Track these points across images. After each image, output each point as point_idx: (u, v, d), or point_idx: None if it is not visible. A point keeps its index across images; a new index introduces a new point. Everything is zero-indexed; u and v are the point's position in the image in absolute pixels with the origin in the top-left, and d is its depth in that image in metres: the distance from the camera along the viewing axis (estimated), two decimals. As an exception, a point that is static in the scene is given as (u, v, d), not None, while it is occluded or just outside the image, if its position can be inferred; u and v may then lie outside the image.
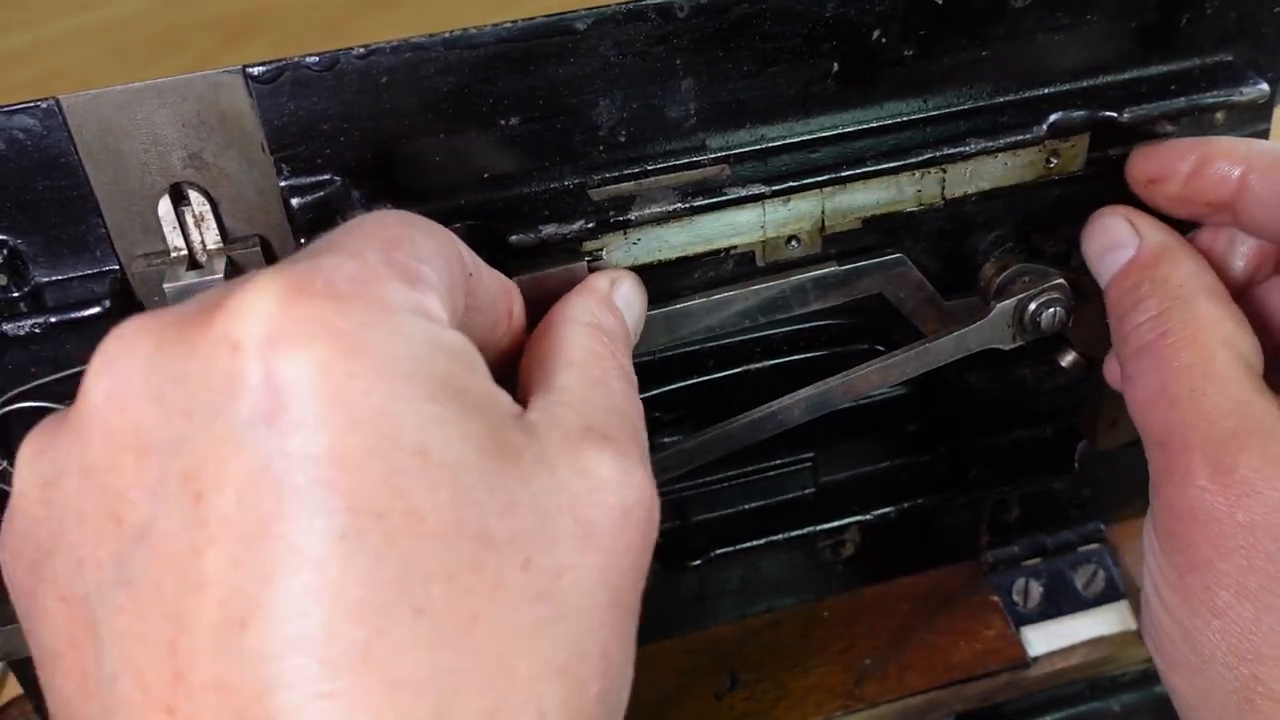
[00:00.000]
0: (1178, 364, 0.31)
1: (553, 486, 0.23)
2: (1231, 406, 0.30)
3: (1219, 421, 0.29)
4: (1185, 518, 0.30)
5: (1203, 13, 0.38)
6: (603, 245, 0.36)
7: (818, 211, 0.37)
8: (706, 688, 0.49)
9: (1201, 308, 0.32)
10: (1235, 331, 0.31)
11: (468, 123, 0.34)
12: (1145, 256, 0.34)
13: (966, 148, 0.37)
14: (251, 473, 0.20)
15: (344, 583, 0.20)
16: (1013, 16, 0.36)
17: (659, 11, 0.33)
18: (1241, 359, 0.31)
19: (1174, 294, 0.33)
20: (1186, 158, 0.34)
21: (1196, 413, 0.30)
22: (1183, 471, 0.30)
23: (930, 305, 0.40)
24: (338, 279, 0.22)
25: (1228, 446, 0.29)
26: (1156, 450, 0.31)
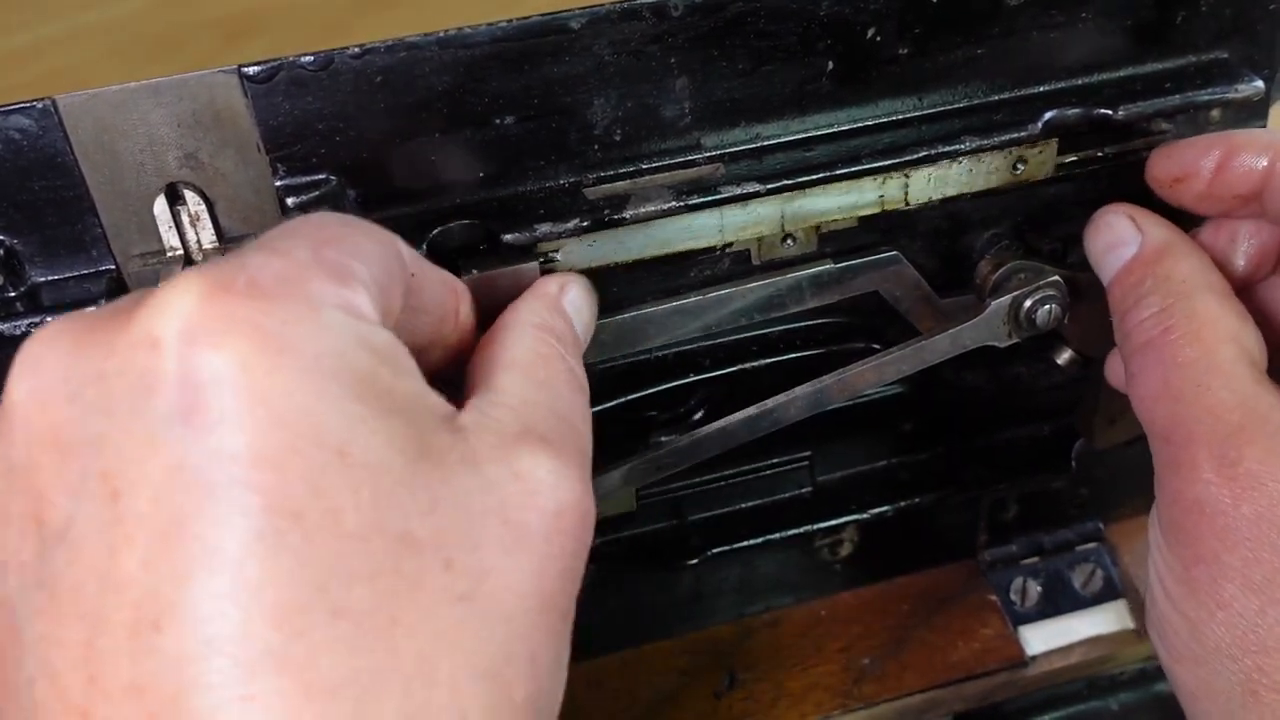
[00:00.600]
0: (1182, 359, 0.31)
1: (479, 487, 0.23)
2: (1236, 400, 0.30)
3: (1224, 415, 0.29)
4: (1191, 511, 0.30)
5: (1198, 10, 0.38)
6: (558, 246, 0.35)
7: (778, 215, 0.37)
8: (705, 687, 0.49)
9: (1205, 303, 0.32)
10: (1239, 326, 0.32)
11: (463, 122, 0.34)
12: (1148, 253, 0.34)
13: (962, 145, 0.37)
14: (169, 470, 0.20)
15: (262, 583, 0.19)
16: (1007, 14, 0.36)
17: (653, 10, 0.33)
18: (1246, 353, 0.31)
19: (1177, 289, 0.33)
20: (1209, 154, 0.34)
21: (1201, 406, 0.30)
22: (1188, 465, 0.30)
23: (926, 303, 0.40)
24: (262, 276, 0.22)
25: (1233, 440, 0.29)
26: (1161, 444, 0.31)
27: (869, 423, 0.46)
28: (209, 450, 0.20)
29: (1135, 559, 0.52)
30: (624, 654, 0.50)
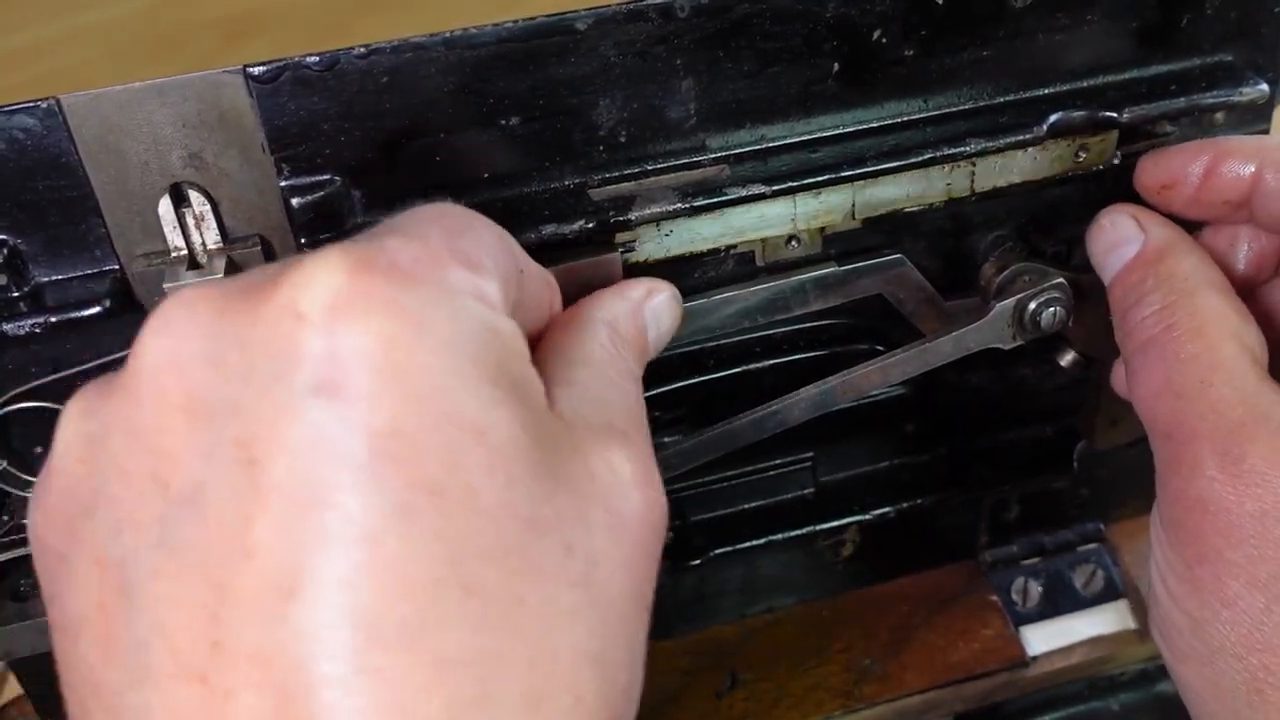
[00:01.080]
0: (1184, 355, 0.31)
1: (586, 476, 0.23)
2: (1239, 397, 0.30)
3: (1226, 412, 0.29)
4: (1194, 509, 0.30)
5: (1203, 13, 0.38)
6: (635, 237, 0.36)
7: (848, 204, 0.37)
8: (707, 687, 0.49)
9: (1207, 300, 0.32)
10: (1241, 324, 0.32)
11: (468, 123, 0.34)
12: (1150, 251, 0.34)
13: (967, 147, 0.37)
14: (308, 442, 0.20)
15: (397, 557, 0.19)
16: (1013, 16, 0.36)
17: (659, 11, 0.33)
18: (1248, 351, 0.31)
19: (1179, 287, 0.33)
20: (1198, 160, 0.35)
21: (1204, 403, 0.30)
22: (1190, 462, 0.30)
23: (930, 305, 0.40)
24: (402, 258, 0.22)
25: (1236, 436, 0.29)
26: (1163, 442, 0.31)
27: (871, 424, 0.46)
28: (350, 423, 0.20)
29: (1136, 559, 0.52)
30: (625, 654, 0.50)
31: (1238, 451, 0.29)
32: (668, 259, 0.37)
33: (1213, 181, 0.34)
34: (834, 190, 0.36)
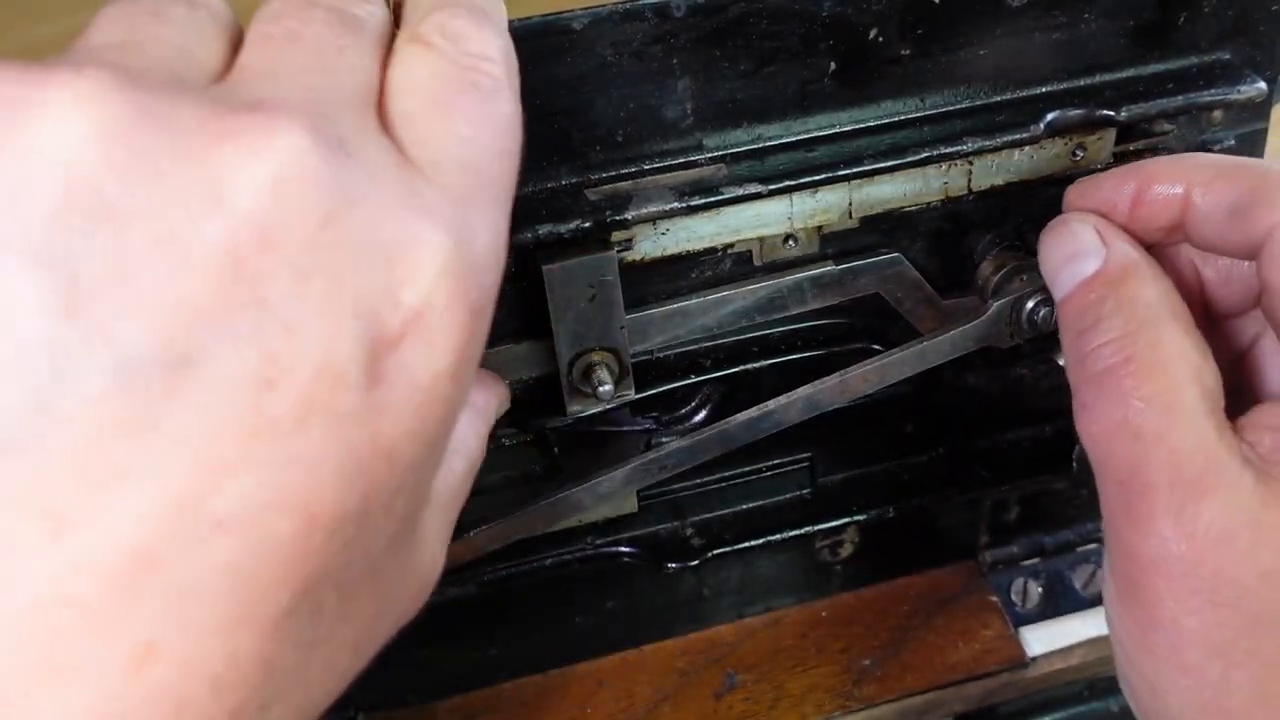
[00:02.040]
0: (1144, 394, 0.28)
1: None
2: (1197, 446, 0.27)
3: (1184, 463, 0.27)
4: (1148, 569, 0.28)
5: (1200, 11, 0.38)
6: (631, 236, 0.36)
7: (845, 203, 0.37)
8: (705, 688, 0.49)
9: (1171, 334, 0.29)
10: (1203, 365, 0.29)
11: (464, 122, 0.34)
12: (1113, 270, 0.31)
13: (964, 146, 0.37)
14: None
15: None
16: (1010, 15, 0.36)
17: (656, 11, 0.33)
18: (1208, 395, 0.28)
19: (1142, 316, 0.30)
20: (1125, 186, 0.32)
21: (1162, 451, 0.28)
22: (1145, 517, 0.28)
23: (928, 304, 0.40)
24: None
25: (1193, 491, 0.27)
26: (1114, 487, 0.29)
27: (870, 424, 0.46)
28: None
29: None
30: (624, 654, 0.50)
31: (1193, 509, 0.27)
32: (664, 258, 0.37)
33: (1143, 208, 0.32)
34: (831, 189, 0.37)
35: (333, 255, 0.20)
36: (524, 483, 0.41)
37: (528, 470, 0.41)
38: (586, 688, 0.49)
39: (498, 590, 0.45)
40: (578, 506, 0.38)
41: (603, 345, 0.36)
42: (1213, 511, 0.26)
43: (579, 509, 0.38)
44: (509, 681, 0.49)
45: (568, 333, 0.36)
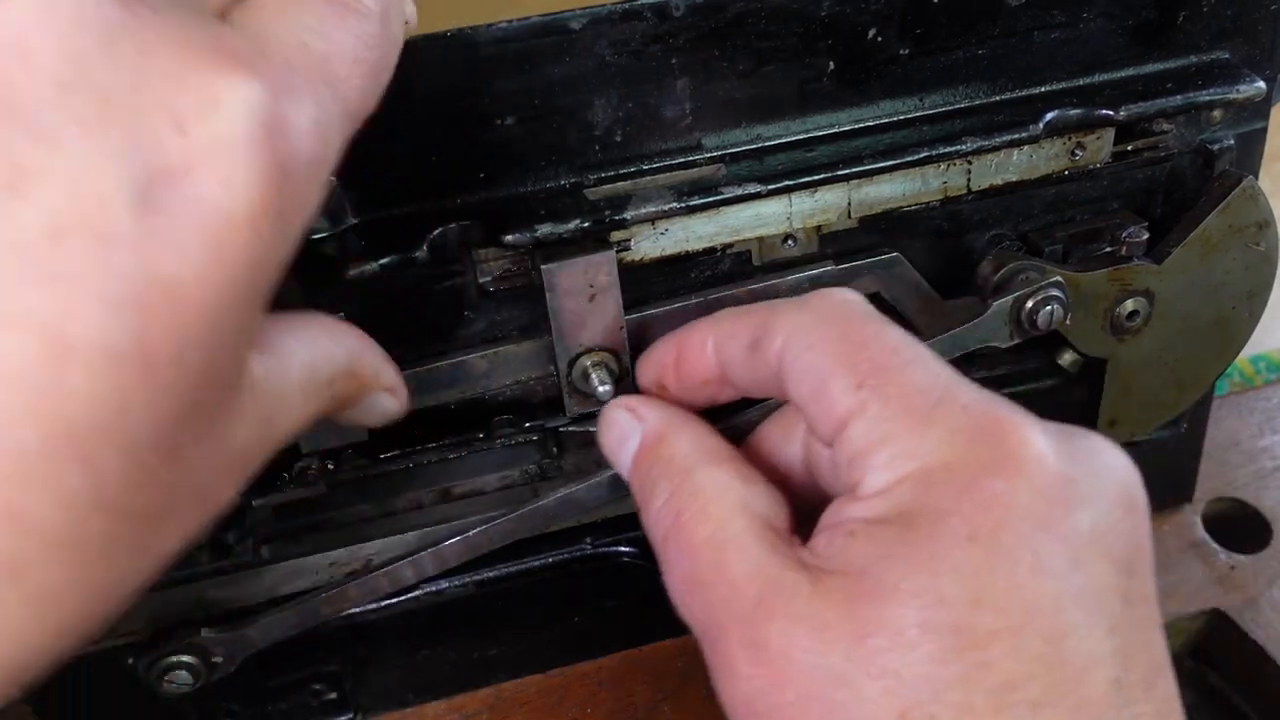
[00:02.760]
0: (696, 540, 0.29)
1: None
2: (753, 571, 0.27)
3: (743, 591, 0.27)
4: (742, 711, 0.27)
5: (1199, 10, 0.38)
6: (630, 235, 0.36)
7: (844, 203, 0.37)
8: (705, 688, 0.48)
9: (707, 476, 0.30)
10: (747, 493, 0.29)
11: (463, 122, 0.34)
12: (650, 438, 0.32)
13: (962, 146, 0.37)
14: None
15: None
16: (1008, 15, 0.36)
17: (654, 11, 0.33)
18: (759, 520, 0.29)
19: (679, 468, 0.31)
20: (669, 353, 0.34)
21: (723, 586, 0.27)
22: (726, 659, 0.27)
23: (927, 304, 0.40)
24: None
25: (755, 619, 0.26)
26: (702, 641, 0.28)
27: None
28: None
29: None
30: (624, 654, 0.50)
31: (760, 636, 0.26)
32: (663, 258, 0.37)
33: (683, 368, 0.33)
34: (829, 189, 0.37)
35: (107, 74, 0.19)
36: (524, 483, 0.41)
37: (528, 470, 0.41)
38: (586, 688, 0.49)
39: (497, 590, 0.45)
40: (578, 506, 0.38)
41: (602, 346, 0.36)
42: (778, 634, 0.26)
43: (579, 509, 0.38)
44: (509, 681, 0.49)
45: (566, 333, 0.36)
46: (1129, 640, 0.26)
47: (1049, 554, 0.25)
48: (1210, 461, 0.53)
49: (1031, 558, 0.25)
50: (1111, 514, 0.27)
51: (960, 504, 0.26)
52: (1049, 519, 0.26)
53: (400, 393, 0.32)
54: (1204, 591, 0.51)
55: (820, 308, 0.30)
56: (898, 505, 0.26)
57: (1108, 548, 0.26)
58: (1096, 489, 0.27)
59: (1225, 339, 0.44)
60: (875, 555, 0.26)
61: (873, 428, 0.27)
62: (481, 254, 0.36)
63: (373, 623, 0.45)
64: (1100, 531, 0.26)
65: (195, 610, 0.38)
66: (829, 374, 0.29)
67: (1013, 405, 0.29)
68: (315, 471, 0.38)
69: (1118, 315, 0.41)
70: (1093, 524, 0.26)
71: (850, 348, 0.29)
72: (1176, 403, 0.45)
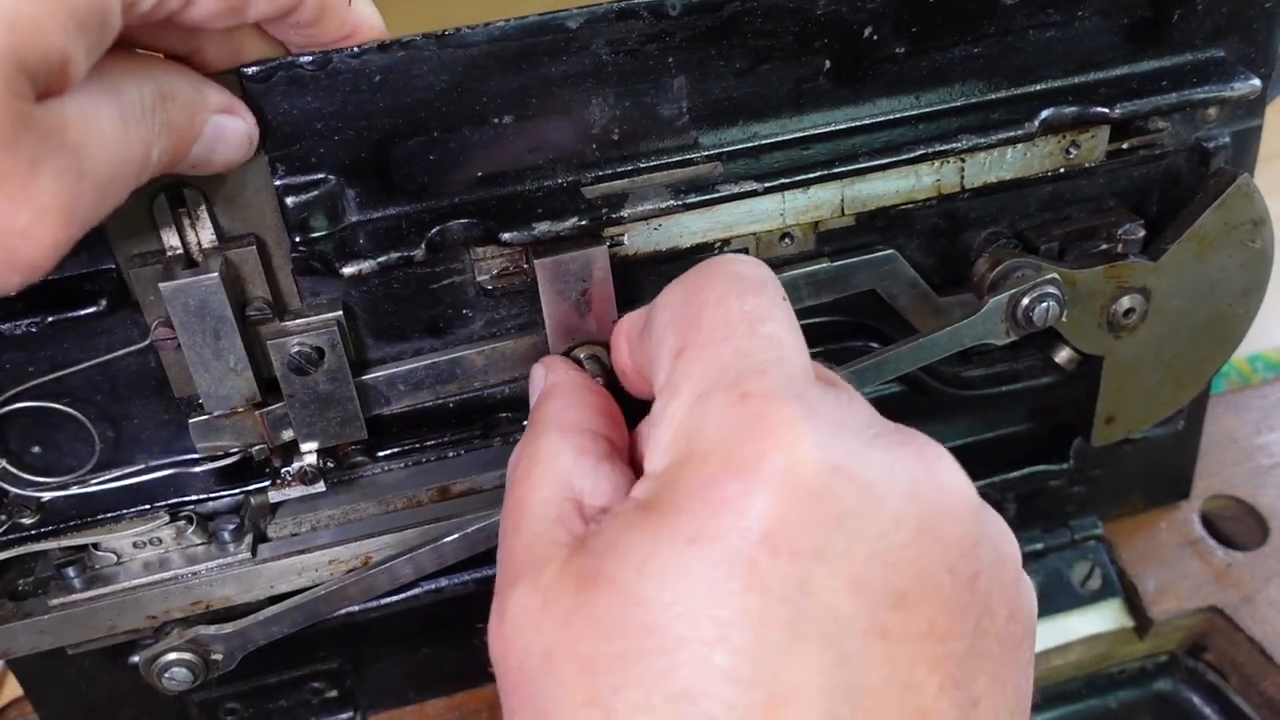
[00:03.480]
0: (512, 499, 0.29)
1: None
2: (526, 541, 0.27)
3: (513, 556, 0.27)
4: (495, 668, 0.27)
5: (1194, 8, 0.38)
6: (623, 231, 0.36)
7: (837, 199, 0.37)
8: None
9: (545, 441, 0.29)
10: (573, 466, 0.29)
11: (461, 121, 0.34)
12: (542, 395, 0.33)
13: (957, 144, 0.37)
14: None
15: None
16: (1004, 13, 0.36)
17: (651, 10, 0.33)
18: (568, 494, 0.28)
19: (535, 428, 0.31)
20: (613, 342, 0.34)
21: (505, 547, 0.28)
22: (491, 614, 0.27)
23: (923, 301, 0.40)
24: None
25: (505, 583, 0.26)
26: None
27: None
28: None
29: (1134, 557, 0.52)
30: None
31: (503, 603, 0.26)
32: (659, 254, 0.37)
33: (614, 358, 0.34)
34: (823, 185, 0.37)
35: None
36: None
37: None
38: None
39: (497, 588, 0.45)
40: None
41: (594, 339, 0.36)
42: (514, 605, 0.26)
43: None
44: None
45: (559, 327, 0.36)
46: (868, 679, 0.23)
47: (769, 570, 0.23)
48: (1207, 459, 0.53)
49: (747, 572, 0.23)
50: (885, 538, 0.24)
51: (694, 501, 0.24)
52: (780, 534, 0.23)
53: (240, 110, 0.31)
54: (1201, 589, 0.51)
55: (693, 275, 0.29)
56: (655, 489, 0.25)
57: (866, 575, 0.24)
58: (868, 507, 0.24)
59: (1221, 336, 0.44)
60: (611, 540, 0.25)
61: (667, 402, 0.26)
62: (479, 252, 0.36)
63: (373, 620, 0.45)
64: (862, 557, 0.24)
65: (195, 608, 0.39)
66: (662, 340, 0.28)
67: (825, 398, 0.26)
68: (315, 469, 0.38)
69: (1114, 312, 0.41)
70: (850, 548, 0.24)
71: (691, 315, 0.27)
72: (1173, 400, 0.45)
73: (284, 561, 0.39)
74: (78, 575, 0.38)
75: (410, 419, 0.40)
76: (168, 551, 0.38)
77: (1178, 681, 0.53)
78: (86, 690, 0.44)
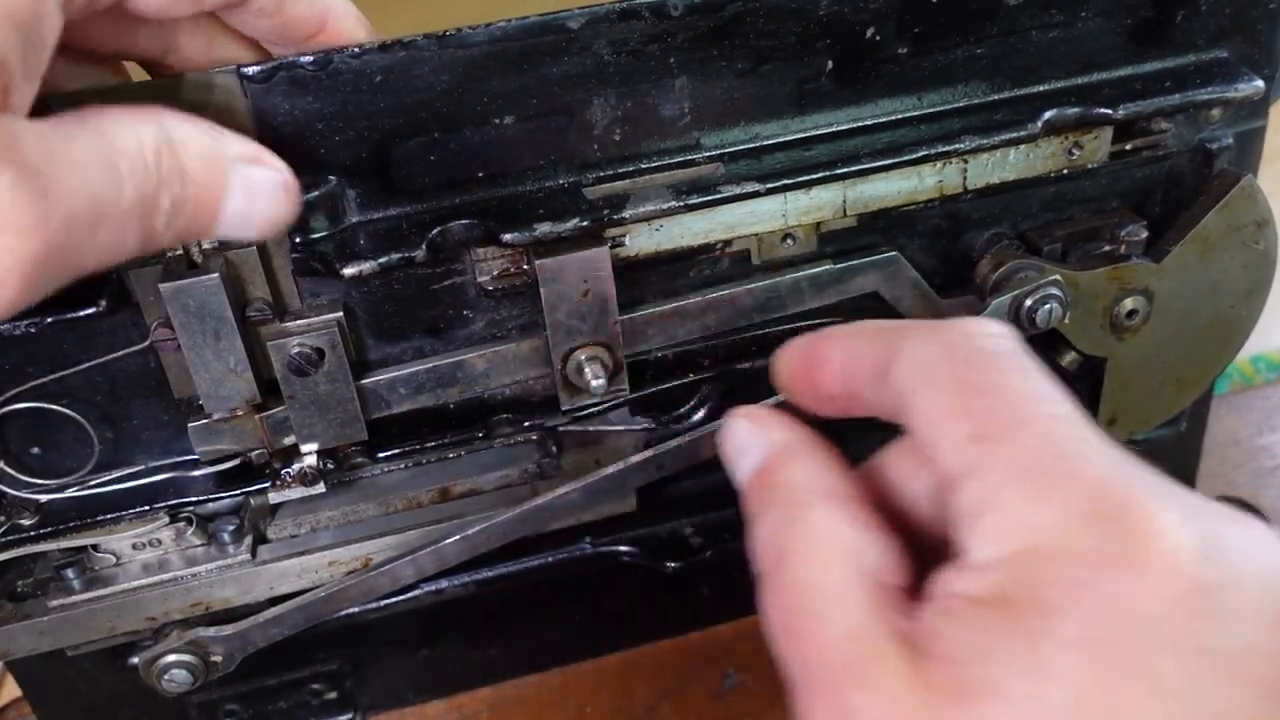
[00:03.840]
0: (793, 585, 0.27)
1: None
2: (845, 635, 0.25)
3: (831, 655, 0.25)
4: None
5: (1198, 9, 0.38)
6: (624, 231, 0.36)
7: (839, 200, 0.37)
8: (704, 687, 0.49)
9: (818, 515, 0.27)
10: (859, 541, 0.27)
11: (462, 121, 0.34)
12: (770, 459, 0.30)
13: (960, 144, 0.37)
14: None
15: None
16: (1007, 14, 0.36)
17: (653, 10, 0.33)
18: (864, 574, 0.26)
19: (792, 500, 0.28)
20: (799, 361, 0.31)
21: (815, 646, 0.26)
22: (809, 712, 0.26)
23: (926, 302, 0.40)
24: None
25: (844, 683, 0.25)
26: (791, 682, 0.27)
27: (867, 422, 0.46)
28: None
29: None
30: (624, 654, 0.50)
31: (844, 704, 0.25)
32: (660, 255, 0.37)
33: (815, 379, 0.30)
34: (825, 186, 0.37)
35: None
36: (523, 482, 0.41)
37: (527, 470, 0.41)
38: (586, 687, 0.49)
39: (497, 589, 0.45)
40: (577, 506, 0.38)
41: (596, 340, 0.36)
42: (862, 705, 0.24)
43: (578, 509, 0.38)
44: (509, 681, 0.49)
45: (560, 327, 0.36)
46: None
47: (1173, 674, 0.22)
48: (1210, 460, 0.53)
49: (1153, 677, 0.22)
50: (1257, 630, 0.23)
51: (1077, 599, 0.23)
52: (1178, 632, 0.22)
53: (268, 158, 0.30)
54: (1203, 590, 0.51)
55: (950, 340, 0.27)
56: (1004, 586, 0.24)
57: (1248, 670, 0.23)
58: (1241, 599, 0.23)
59: (1224, 337, 0.44)
60: (976, 646, 0.24)
61: (984, 490, 0.25)
62: (480, 253, 0.36)
63: (373, 622, 0.45)
64: (1241, 650, 0.23)
65: (194, 609, 0.39)
66: (943, 420, 0.26)
67: (1152, 478, 0.25)
68: (315, 470, 0.38)
69: (1117, 314, 0.41)
70: (1232, 641, 0.23)
71: (972, 392, 0.26)
72: (1176, 401, 0.45)
73: (284, 563, 0.39)
74: (77, 576, 0.38)
75: (411, 420, 0.40)
76: (167, 553, 0.38)
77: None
78: (86, 691, 0.44)
